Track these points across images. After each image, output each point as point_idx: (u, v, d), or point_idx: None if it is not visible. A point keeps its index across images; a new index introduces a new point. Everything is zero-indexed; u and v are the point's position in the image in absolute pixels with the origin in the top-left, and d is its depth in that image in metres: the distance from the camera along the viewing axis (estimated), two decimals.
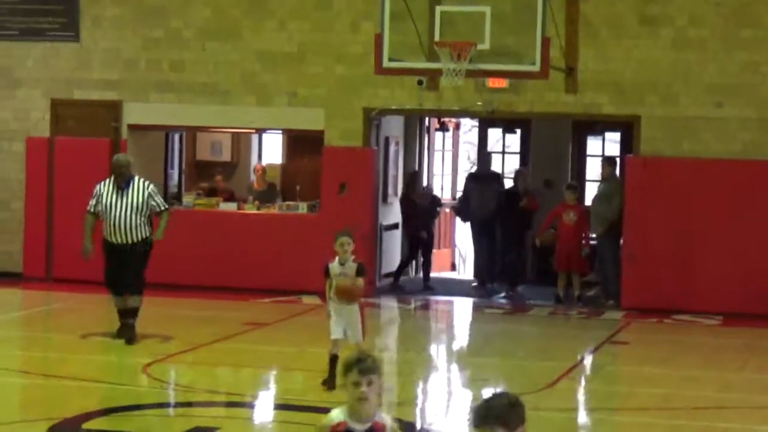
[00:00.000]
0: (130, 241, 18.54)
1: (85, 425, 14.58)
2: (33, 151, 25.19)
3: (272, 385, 18.26)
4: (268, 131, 27.37)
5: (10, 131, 25.77)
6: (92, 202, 18.79)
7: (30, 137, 25.55)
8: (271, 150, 28.46)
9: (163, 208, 19.13)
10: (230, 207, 26.10)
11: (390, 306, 24.67)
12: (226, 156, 28.20)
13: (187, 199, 26.65)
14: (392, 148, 26.77)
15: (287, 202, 26.13)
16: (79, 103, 25.64)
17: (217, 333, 20.51)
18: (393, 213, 26.71)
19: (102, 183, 18.96)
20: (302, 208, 25.62)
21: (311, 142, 25.40)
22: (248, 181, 27.70)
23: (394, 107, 24.71)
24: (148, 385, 17.09)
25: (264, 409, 16.93)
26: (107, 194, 18.60)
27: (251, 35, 24.86)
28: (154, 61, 25.30)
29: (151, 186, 18.99)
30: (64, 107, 25.73)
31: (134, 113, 25.52)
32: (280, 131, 27.11)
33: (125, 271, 18.64)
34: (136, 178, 18.90)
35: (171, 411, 16.44)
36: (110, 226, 18.51)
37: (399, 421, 12.58)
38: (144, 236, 18.68)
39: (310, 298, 23.68)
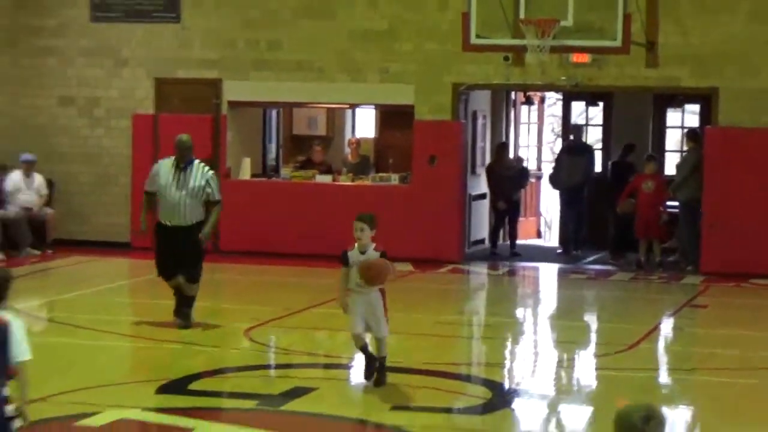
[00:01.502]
0: (185, 224, 17.41)
1: (191, 386, 14.82)
2: (139, 128, 25.52)
3: (368, 346, 18.44)
4: (361, 106, 27.51)
5: (117, 109, 26.10)
6: (148, 181, 17.96)
7: (136, 114, 25.90)
8: (364, 124, 28.57)
9: (216, 198, 17.78)
10: (325, 179, 26.24)
11: (479, 272, 24.77)
12: (321, 130, 28.29)
13: (285, 171, 26.87)
14: (480, 121, 26.87)
15: (380, 174, 26.28)
16: (182, 82, 25.93)
17: (313, 299, 20.67)
18: (481, 184, 26.82)
19: (161, 162, 18.14)
20: (394, 179, 25.79)
21: (402, 116, 25.49)
22: (343, 154, 27.79)
23: (481, 82, 24.83)
24: (249, 347, 17.32)
25: (358, 370, 17.12)
26: (165, 174, 17.51)
27: (344, 14, 25.00)
28: (251, 40, 25.52)
29: (211, 172, 17.84)
30: (167, 85, 26.03)
31: (233, 90, 25.77)
32: (373, 106, 27.25)
33: (178, 255, 17.55)
34: (197, 162, 17.73)
35: (271, 372, 16.65)
36: (166, 206, 17.47)
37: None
38: (200, 219, 17.51)
39: (402, 265, 23.84)
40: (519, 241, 27.15)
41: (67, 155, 26.23)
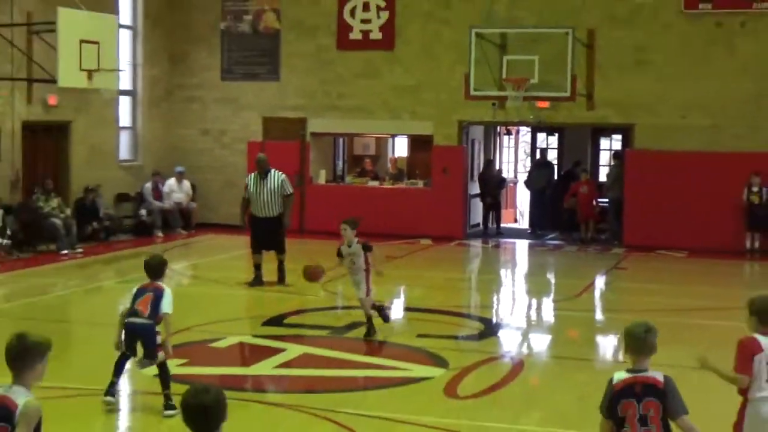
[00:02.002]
0: (270, 215, 17.52)
1: (285, 321, 14.88)
2: (252, 150, 25.47)
3: (402, 295, 18.39)
4: (397, 136, 27.46)
5: (238, 138, 26.12)
6: (245, 191, 17.97)
7: (250, 141, 25.82)
8: (400, 147, 28.56)
9: (289, 191, 17.86)
10: (374, 183, 26.25)
11: (475, 245, 24.69)
12: (371, 151, 28.35)
13: (348, 178, 26.93)
14: (476, 146, 26.76)
15: (410, 180, 26.16)
16: (280, 119, 25.84)
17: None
18: (476, 186, 26.70)
19: (250, 175, 18.13)
20: (420, 184, 25.69)
21: (425, 142, 25.43)
22: (386, 167, 27.81)
23: (476, 120, 24.76)
24: (324, 295, 17.30)
25: (397, 310, 17.08)
26: (253, 183, 17.63)
27: (387, 75, 24.98)
28: (326, 92, 25.50)
29: (283, 176, 17.81)
30: (271, 122, 25.94)
31: (314, 125, 25.69)
32: (405, 136, 27.16)
33: (267, 236, 17.51)
34: (273, 170, 17.73)
35: (338, 312, 16.64)
36: (256, 204, 17.53)
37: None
38: (281, 211, 17.59)
39: (425, 240, 23.88)
40: (502, 225, 26.96)
41: (204, 168, 26.27)
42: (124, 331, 10.14)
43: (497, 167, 28.71)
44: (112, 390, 10.18)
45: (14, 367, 5.62)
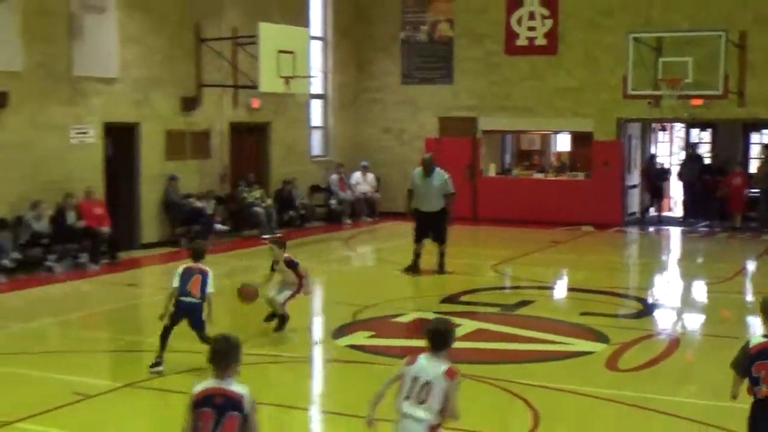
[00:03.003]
0: (433, 210, 16.88)
1: (461, 299, 14.98)
2: (429, 146, 25.45)
3: (565, 276, 18.28)
4: (561, 132, 27.11)
5: (416, 135, 26.21)
6: (409, 183, 17.42)
7: (427, 138, 25.90)
8: (563, 143, 28.18)
9: (451, 191, 17.05)
10: (539, 175, 26.03)
11: (632, 232, 24.27)
12: (537, 146, 28.05)
13: (515, 171, 26.77)
14: (633, 141, 26.19)
15: (573, 172, 25.80)
16: (454, 119, 25.84)
17: (534, 248, 20.60)
18: (632, 178, 26.16)
19: (416, 170, 17.36)
20: (581, 176, 25.34)
21: (586, 138, 25.05)
22: (550, 160, 27.55)
23: (634, 117, 24.30)
24: (494, 276, 17.35)
25: (561, 290, 16.99)
26: (419, 178, 17.03)
27: (551, 78, 24.73)
28: (495, 93, 25.39)
29: (447, 175, 17.11)
30: (446, 121, 25.96)
31: (485, 123, 25.62)
32: (568, 132, 26.83)
33: (430, 229, 16.93)
34: (437, 168, 17.04)
35: (507, 291, 16.66)
36: (420, 198, 17.01)
37: None
38: (442, 206, 16.91)
39: (587, 227, 23.61)
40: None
41: (386, 162, 26.47)
42: (175, 308, 10.34)
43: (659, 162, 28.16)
44: (158, 361, 10.31)
45: (222, 362, 5.78)
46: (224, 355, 5.80)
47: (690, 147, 28.17)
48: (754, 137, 27.55)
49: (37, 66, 17.69)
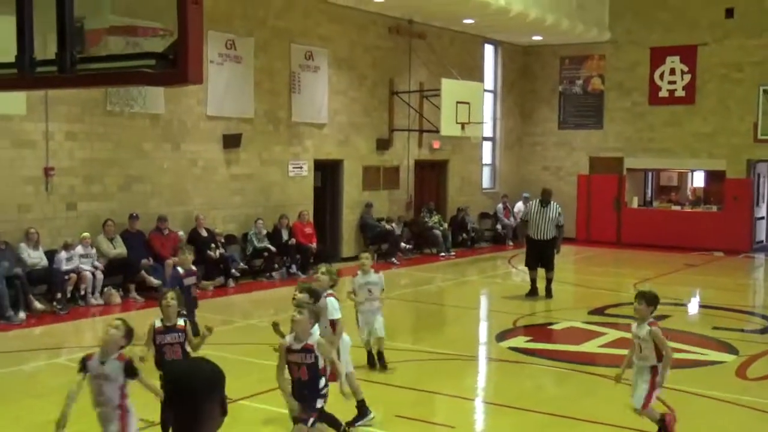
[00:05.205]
0: (545, 238, 15.55)
1: (607, 311, 14.48)
2: (581, 182, 25.12)
3: (698, 295, 17.39)
4: (696, 170, 26.01)
5: (571, 172, 25.71)
6: (522, 214, 16.60)
7: (579, 174, 25.39)
8: (698, 179, 27.01)
9: (562, 223, 15.75)
10: (677, 207, 24.96)
11: (759, 257, 22.91)
12: (674, 183, 26.98)
13: (655, 203, 25.86)
14: (762, 179, 24.77)
15: (706, 205, 24.66)
16: (602, 159, 25.23)
17: (670, 269, 19.77)
18: (760, 211, 24.72)
19: (531, 202, 16.42)
20: (714, 208, 24.16)
21: (719, 176, 23.98)
22: (686, 195, 26.43)
23: (763, 158, 23.07)
24: (635, 292, 16.68)
25: (693, 306, 16.16)
26: (534, 209, 15.78)
27: (687, 124, 23.86)
28: (640, 138, 24.67)
29: (560, 208, 15.82)
30: (595, 160, 25.37)
31: (630, 162, 24.89)
32: (702, 171, 25.69)
33: (542, 256, 15.62)
34: (552, 202, 15.76)
35: None
36: (534, 227, 15.68)
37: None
38: (554, 235, 15.58)
39: (718, 253, 22.53)
40: None
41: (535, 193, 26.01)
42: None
43: None
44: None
45: None
46: None
47: None
48: None
49: (265, 113, 18.25)
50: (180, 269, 9.75)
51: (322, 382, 6.60)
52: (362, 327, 9.78)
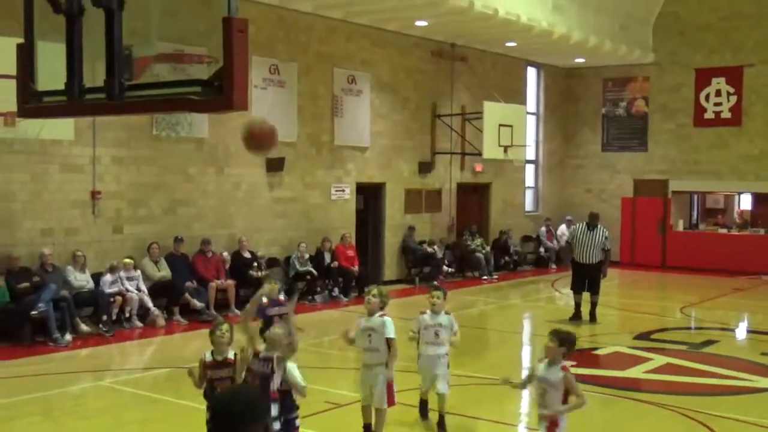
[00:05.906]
0: (592, 262, 15.34)
1: (652, 336, 14.28)
2: (625, 204, 24.92)
3: (746, 320, 17.06)
4: (743, 193, 25.63)
5: (614, 194, 25.48)
6: (568, 236, 16.36)
7: (623, 197, 25.16)
8: (745, 202, 26.60)
9: (608, 248, 15.52)
10: (723, 230, 24.54)
11: None
12: (721, 205, 26.64)
13: (701, 226, 25.50)
14: None
15: (753, 228, 24.23)
16: (647, 181, 24.97)
17: (717, 293, 19.41)
18: None
19: (577, 225, 16.08)
20: (761, 231, 23.78)
21: (766, 198, 23.64)
22: (733, 217, 26.05)
23: None
24: (680, 317, 16.44)
25: (741, 332, 15.86)
26: (581, 232, 15.55)
27: (735, 146, 23.62)
28: (684, 160, 24.42)
29: (607, 232, 15.63)
30: (640, 183, 25.13)
31: (675, 185, 24.57)
32: (749, 193, 25.30)
33: (588, 280, 15.43)
34: (599, 225, 15.58)
35: (693, 331, 15.71)
36: (580, 251, 15.42)
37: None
38: (600, 259, 15.34)
39: (766, 277, 22.09)
40: None
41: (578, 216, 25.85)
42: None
43: None
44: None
45: None
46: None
47: None
48: None
49: (308, 137, 18.38)
50: (264, 299, 9.24)
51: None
52: (422, 375, 8.74)
